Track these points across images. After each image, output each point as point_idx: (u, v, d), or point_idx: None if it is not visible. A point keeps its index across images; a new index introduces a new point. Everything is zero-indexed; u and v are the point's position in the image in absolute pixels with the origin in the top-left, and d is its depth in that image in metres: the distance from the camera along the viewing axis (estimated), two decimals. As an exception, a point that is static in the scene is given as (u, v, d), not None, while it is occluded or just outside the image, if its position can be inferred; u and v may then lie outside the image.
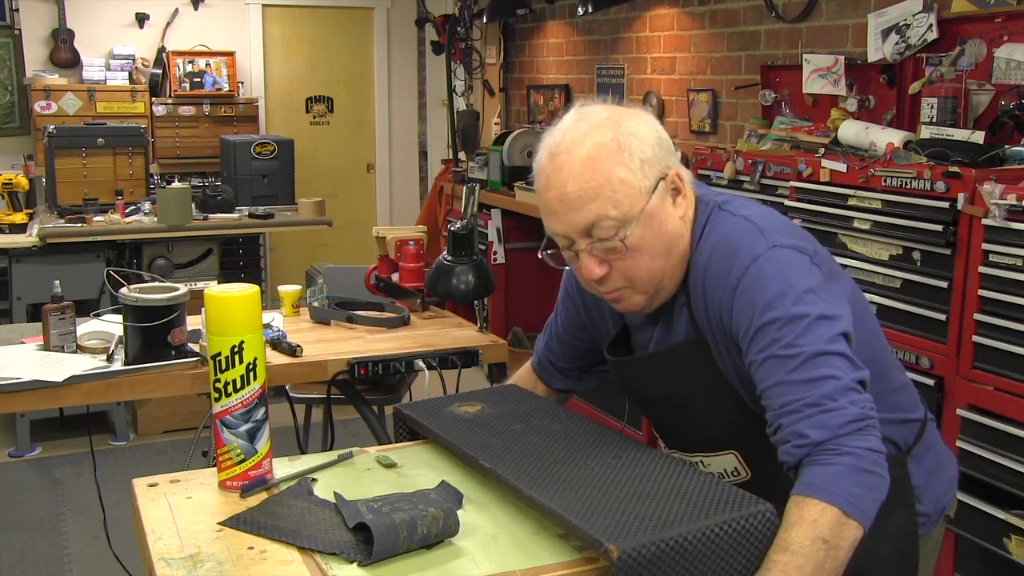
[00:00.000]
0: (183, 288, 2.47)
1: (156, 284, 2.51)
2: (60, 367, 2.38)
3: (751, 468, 1.58)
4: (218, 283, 1.86)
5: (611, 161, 1.42)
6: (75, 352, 2.51)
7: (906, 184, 2.77)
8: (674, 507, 1.31)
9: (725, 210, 1.51)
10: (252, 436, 1.59)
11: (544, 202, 1.47)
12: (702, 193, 1.56)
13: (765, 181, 3.41)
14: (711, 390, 1.53)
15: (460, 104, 6.84)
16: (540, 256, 1.57)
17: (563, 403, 1.94)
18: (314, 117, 7.31)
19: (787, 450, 1.34)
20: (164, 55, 6.56)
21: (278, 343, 2.60)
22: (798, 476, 1.33)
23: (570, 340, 1.81)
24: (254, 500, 1.56)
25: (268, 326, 2.60)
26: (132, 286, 2.44)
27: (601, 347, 1.75)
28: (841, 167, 3.00)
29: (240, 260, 5.74)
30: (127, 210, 4.93)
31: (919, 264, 2.77)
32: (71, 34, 6.34)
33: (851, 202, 2.95)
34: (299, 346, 2.57)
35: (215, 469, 1.62)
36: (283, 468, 1.67)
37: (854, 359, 1.37)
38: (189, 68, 6.55)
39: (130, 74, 6.43)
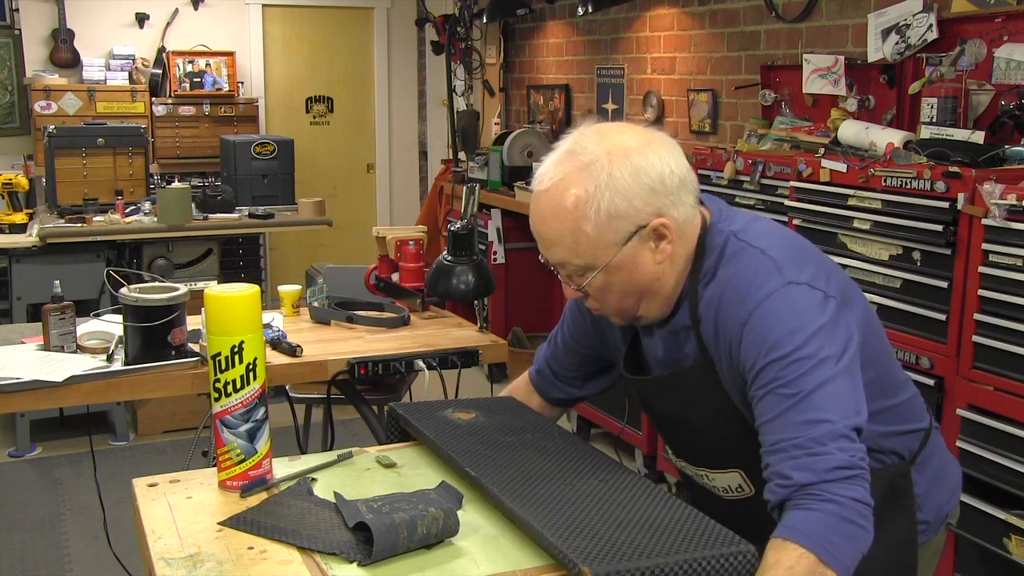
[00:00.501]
0: (183, 288, 2.47)
1: (156, 284, 2.51)
2: (60, 367, 2.38)
3: (755, 485, 1.57)
4: (218, 283, 1.86)
5: (577, 214, 1.42)
6: (75, 352, 2.51)
7: (906, 184, 2.77)
8: (653, 537, 1.30)
9: (742, 240, 1.50)
10: (252, 436, 1.59)
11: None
12: (717, 219, 1.53)
13: (765, 181, 3.41)
14: (718, 412, 1.53)
15: (460, 104, 6.84)
16: (541, 260, 1.58)
17: (555, 419, 1.93)
18: (314, 117, 7.31)
19: (771, 488, 1.34)
20: (164, 55, 6.56)
21: (278, 343, 2.60)
22: (780, 518, 1.32)
23: (577, 348, 1.81)
24: (254, 500, 1.56)
25: (268, 326, 2.60)
26: (132, 286, 2.44)
27: (606, 355, 1.76)
28: (841, 167, 3.00)
29: (240, 260, 5.74)
30: (127, 210, 4.93)
31: (919, 264, 2.77)
32: (71, 34, 6.35)
33: (851, 202, 2.95)
34: (299, 346, 2.57)
35: (215, 469, 1.62)
36: (283, 468, 1.67)
37: (853, 403, 1.36)
38: (189, 68, 6.55)
39: (130, 74, 6.43)
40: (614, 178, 1.41)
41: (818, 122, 3.72)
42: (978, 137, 2.97)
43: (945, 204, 2.65)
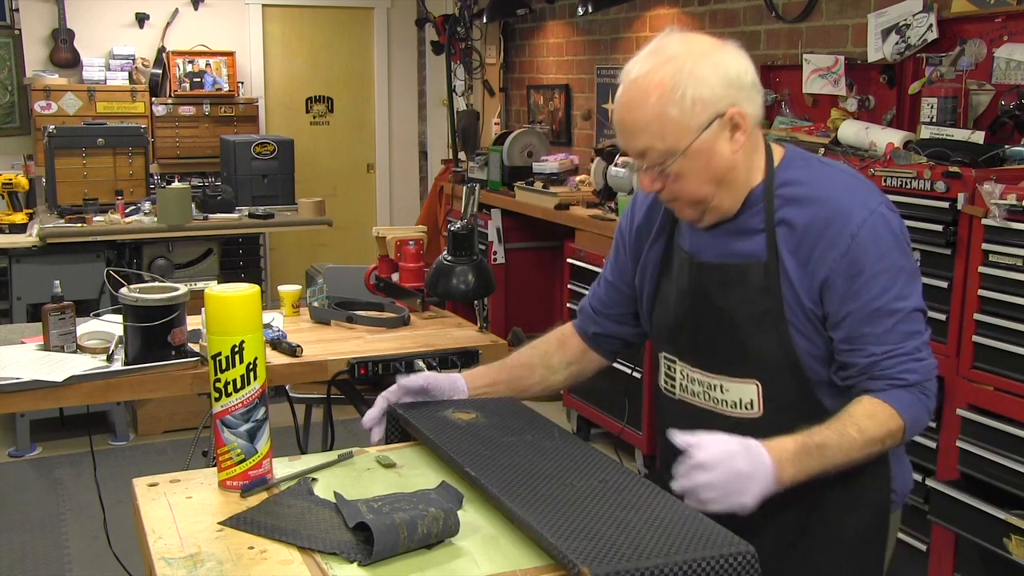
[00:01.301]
0: (183, 288, 2.47)
1: (156, 284, 2.51)
2: (60, 367, 2.38)
3: (765, 405, 1.64)
4: (218, 283, 1.86)
5: (664, 100, 1.55)
6: (75, 352, 2.51)
7: (906, 184, 2.77)
8: (653, 538, 1.30)
9: (824, 162, 1.71)
10: (252, 436, 1.59)
11: (614, 120, 1.65)
12: (792, 148, 1.71)
13: (765, 181, 3.40)
14: (765, 313, 1.62)
15: (460, 104, 6.84)
16: (617, 163, 1.69)
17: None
18: (314, 117, 7.31)
19: (880, 385, 1.56)
20: (164, 55, 6.56)
21: (278, 343, 2.60)
22: (884, 392, 1.55)
23: (619, 285, 1.89)
24: (254, 500, 1.56)
25: (268, 326, 2.60)
26: (132, 286, 2.44)
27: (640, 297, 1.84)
28: (841, 167, 2.99)
29: (240, 260, 5.74)
30: (127, 210, 4.93)
31: (919, 264, 2.77)
32: (71, 34, 6.35)
33: (851, 202, 2.94)
34: (299, 346, 2.57)
35: (215, 469, 1.63)
36: (283, 468, 1.67)
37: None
38: (189, 68, 6.55)
39: (130, 74, 6.43)
40: (696, 69, 1.56)
41: (818, 122, 3.72)
42: (978, 137, 2.97)
43: (945, 204, 2.65)
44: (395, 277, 3.08)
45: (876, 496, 1.68)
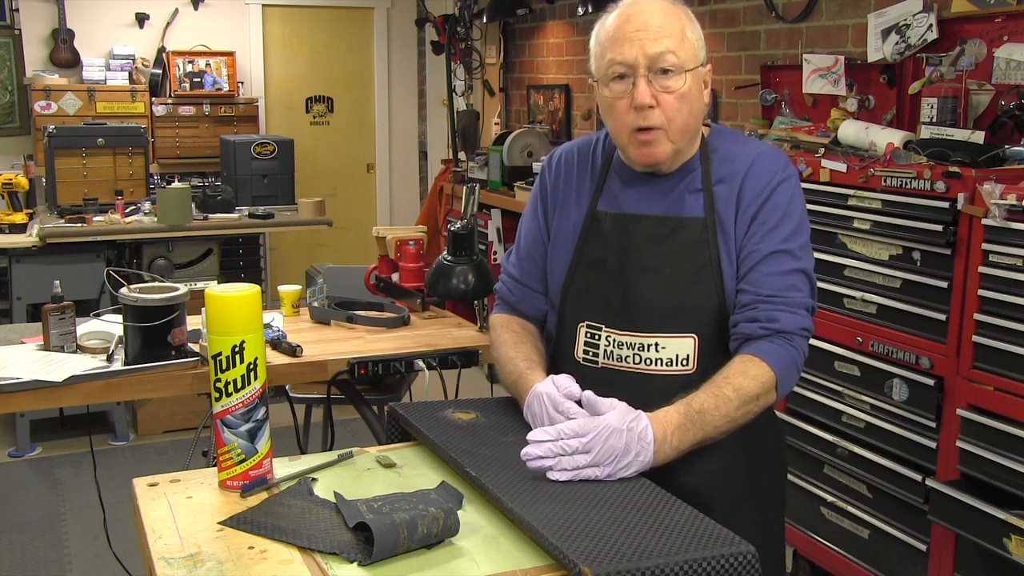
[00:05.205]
0: (183, 288, 2.47)
1: (156, 284, 2.51)
2: (60, 367, 2.38)
3: (699, 361, 1.69)
4: (218, 283, 1.86)
5: (684, 20, 1.70)
6: (75, 352, 2.51)
7: (906, 184, 2.77)
8: (654, 538, 1.31)
9: (743, 135, 1.88)
10: (252, 436, 1.59)
11: (620, 33, 1.69)
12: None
13: (765, 181, 3.40)
14: (703, 267, 1.69)
15: (460, 104, 6.84)
16: (623, 65, 1.70)
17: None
18: (314, 117, 7.31)
19: (754, 328, 1.64)
20: (164, 55, 6.56)
21: (278, 343, 2.60)
22: (755, 345, 1.63)
23: (539, 258, 1.89)
24: (254, 500, 1.56)
25: (268, 326, 2.60)
26: (132, 286, 2.44)
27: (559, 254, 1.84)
28: (841, 167, 3.00)
29: (240, 260, 5.74)
30: (127, 210, 4.93)
31: (919, 264, 2.77)
32: (71, 34, 6.35)
33: (851, 202, 2.95)
34: (299, 346, 2.57)
35: (215, 469, 1.63)
36: (283, 468, 1.67)
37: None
38: (189, 68, 6.55)
39: (130, 74, 6.43)
40: (693, 18, 1.72)
41: (818, 122, 3.72)
42: (978, 137, 2.97)
43: (945, 204, 2.65)
44: (395, 277, 3.09)
45: (777, 460, 1.84)
